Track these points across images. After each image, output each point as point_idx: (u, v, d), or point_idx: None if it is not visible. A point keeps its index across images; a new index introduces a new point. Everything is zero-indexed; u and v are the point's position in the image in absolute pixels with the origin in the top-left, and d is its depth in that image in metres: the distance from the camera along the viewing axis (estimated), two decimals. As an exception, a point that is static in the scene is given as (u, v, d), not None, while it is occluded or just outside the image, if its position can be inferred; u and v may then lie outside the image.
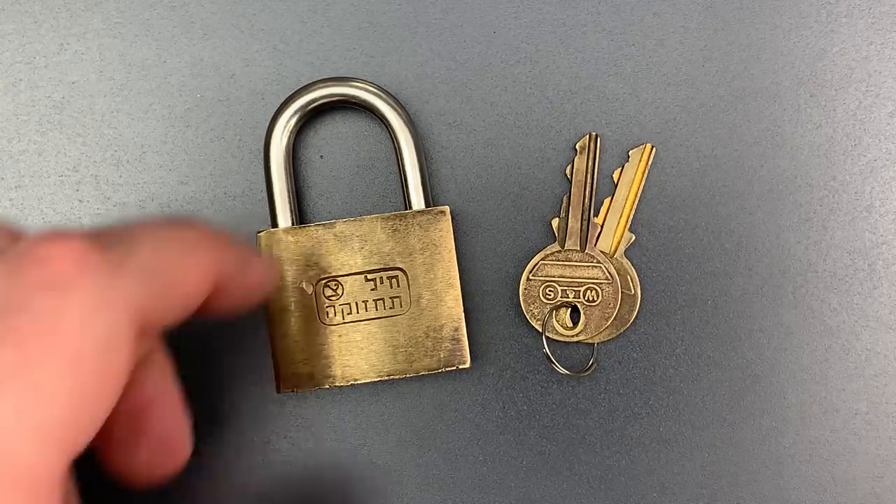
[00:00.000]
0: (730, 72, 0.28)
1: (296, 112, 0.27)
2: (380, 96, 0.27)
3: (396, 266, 0.25)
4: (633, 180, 0.27)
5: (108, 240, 0.18)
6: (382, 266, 0.25)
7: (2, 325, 0.16)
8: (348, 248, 0.26)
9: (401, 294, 0.25)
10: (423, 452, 0.27)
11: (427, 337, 0.25)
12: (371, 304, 0.25)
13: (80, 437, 0.16)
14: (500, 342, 0.27)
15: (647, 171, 0.28)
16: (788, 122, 0.28)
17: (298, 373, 0.25)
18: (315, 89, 0.27)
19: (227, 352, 0.27)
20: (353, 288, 0.25)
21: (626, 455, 0.27)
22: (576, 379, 0.27)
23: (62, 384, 0.16)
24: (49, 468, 0.16)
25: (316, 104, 0.27)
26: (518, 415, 0.27)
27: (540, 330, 0.27)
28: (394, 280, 0.25)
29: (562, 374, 0.27)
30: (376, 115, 0.27)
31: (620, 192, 0.27)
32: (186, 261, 0.19)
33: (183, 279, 0.19)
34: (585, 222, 0.27)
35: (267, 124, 0.27)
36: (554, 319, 0.27)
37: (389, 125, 0.27)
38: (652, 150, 0.28)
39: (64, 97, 0.28)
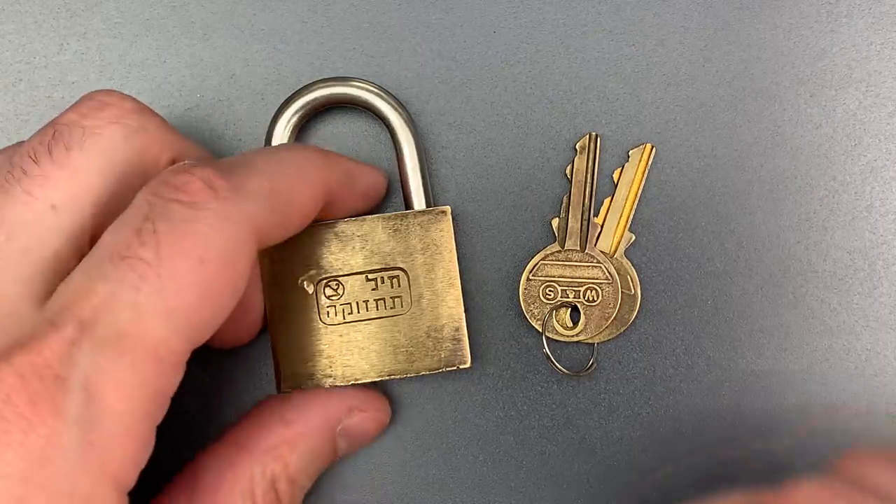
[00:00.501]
0: (730, 72, 0.28)
1: (296, 112, 0.27)
2: (380, 96, 0.27)
3: (397, 266, 0.25)
4: (633, 180, 0.27)
5: (231, 168, 0.21)
6: (383, 266, 0.25)
7: (144, 228, 0.19)
8: (349, 247, 0.25)
9: (402, 294, 0.25)
10: (423, 452, 0.27)
11: (428, 337, 0.25)
12: (372, 304, 0.25)
13: (203, 328, 0.20)
14: (500, 342, 0.27)
15: (647, 171, 0.28)
16: (788, 122, 0.28)
17: (299, 372, 0.25)
18: (315, 89, 0.27)
19: (227, 351, 0.27)
20: (353, 288, 0.25)
21: (626, 455, 0.27)
22: (576, 379, 0.27)
23: (189, 280, 0.19)
24: (175, 348, 0.19)
25: (316, 104, 0.27)
26: (518, 415, 0.27)
27: (540, 330, 0.27)
28: (395, 280, 0.25)
29: (562, 374, 0.27)
30: (377, 116, 0.27)
31: (620, 192, 0.27)
32: (299, 180, 0.22)
33: (296, 196, 0.22)
34: (585, 222, 0.27)
35: (267, 124, 0.27)
36: (554, 319, 0.27)
37: (390, 125, 0.27)
38: (652, 150, 0.28)
39: (64, 97, 0.28)
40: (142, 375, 0.18)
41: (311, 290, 0.25)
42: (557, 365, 0.27)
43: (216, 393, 0.27)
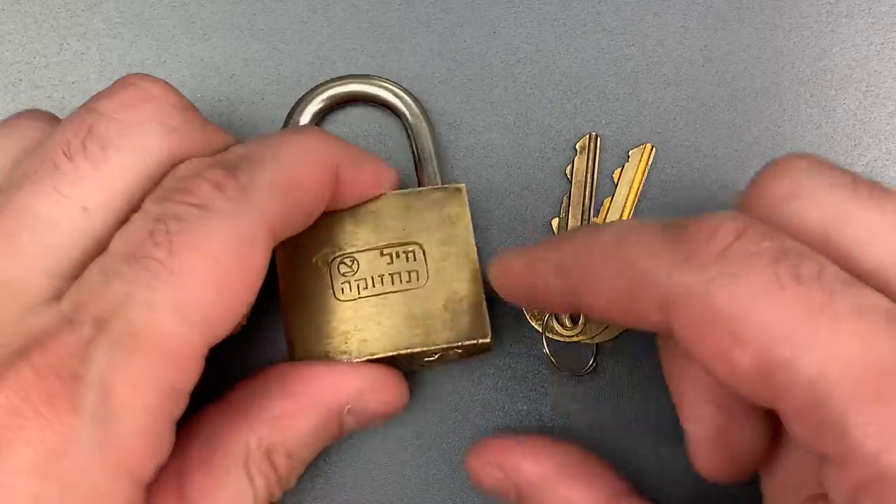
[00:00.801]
0: (730, 72, 0.28)
1: (321, 101, 0.27)
2: (394, 91, 0.27)
3: (412, 241, 0.25)
4: (633, 180, 0.27)
5: (239, 163, 0.21)
6: (398, 241, 0.25)
7: (157, 229, 0.19)
8: (363, 225, 0.25)
9: (418, 268, 0.25)
10: (423, 452, 0.27)
11: (445, 310, 0.25)
12: (387, 279, 0.25)
13: (220, 325, 0.20)
14: (501, 343, 0.27)
15: (647, 171, 0.28)
16: (788, 122, 0.28)
17: (314, 351, 0.24)
18: (330, 88, 0.27)
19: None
20: (368, 263, 0.25)
21: (626, 455, 0.27)
22: (576, 379, 0.27)
23: (203, 279, 0.19)
24: (191, 345, 0.19)
25: (332, 101, 0.27)
26: (518, 415, 0.27)
27: (540, 330, 0.27)
28: (410, 254, 0.25)
29: (562, 374, 0.27)
30: (391, 110, 0.27)
31: (620, 192, 0.27)
32: (307, 164, 0.22)
33: (307, 181, 0.22)
34: (585, 222, 0.27)
35: (267, 124, 0.27)
36: (554, 319, 0.27)
37: (402, 114, 0.27)
38: (652, 150, 0.28)
39: (64, 97, 0.28)
40: (157, 372, 0.19)
41: (325, 268, 0.25)
42: (557, 365, 0.27)
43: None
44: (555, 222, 0.27)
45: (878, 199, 0.19)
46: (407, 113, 0.27)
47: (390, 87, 0.27)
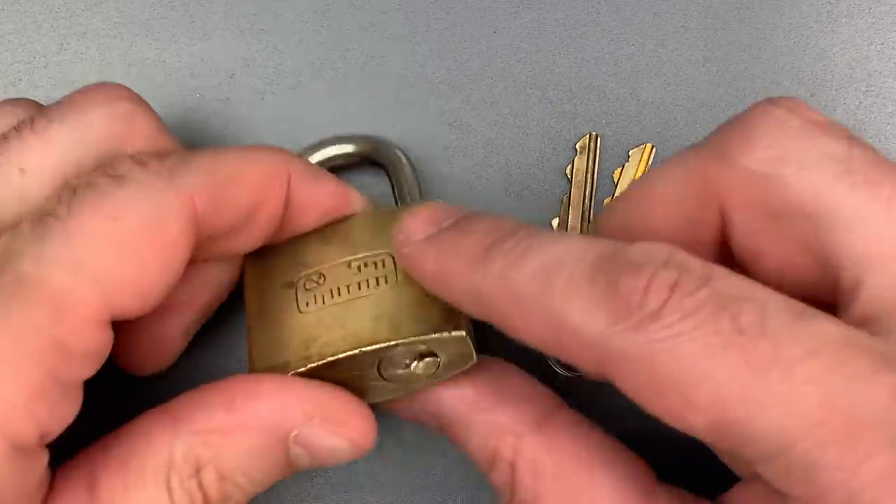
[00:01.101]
0: (730, 72, 0.28)
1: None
2: (355, 140, 0.27)
3: (382, 251, 0.24)
4: (634, 180, 0.27)
5: (171, 154, 0.21)
6: (367, 254, 0.24)
7: (65, 193, 0.20)
8: (332, 244, 0.24)
9: (386, 273, 0.23)
10: (422, 453, 0.27)
11: (415, 306, 0.23)
12: (354, 286, 0.23)
13: (124, 289, 0.19)
14: (500, 342, 0.27)
15: (647, 171, 0.28)
16: (788, 122, 0.28)
17: (273, 363, 0.23)
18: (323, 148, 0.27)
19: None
20: (335, 276, 0.24)
21: (626, 455, 0.27)
22: (576, 379, 0.27)
23: (100, 234, 0.19)
24: (83, 300, 0.19)
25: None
26: (518, 415, 0.27)
27: (540, 330, 0.27)
28: (379, 262, 0.24)
29: (562, 374, 0.27)
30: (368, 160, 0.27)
31: (620, 192, 0.27)
32: (247, 158, 0.22)
33: (245, 177, 0.22)
34: (585, 222, 0.27)
35: (267, 124, 0.27)
36: (554, 319, 0.27)
37: (377, 154, 0.27)
38: (652, 150, 0.28)
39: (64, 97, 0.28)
40: (37, 321, 0.18)
41: (290, 289, 0.24)
42: (557, 365, 0.27)
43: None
44: (555, 222, 0.27)
45: (872, 184, 0.18)
46: (375, 155, 0.27)
47: (356, 143, 0.27)
